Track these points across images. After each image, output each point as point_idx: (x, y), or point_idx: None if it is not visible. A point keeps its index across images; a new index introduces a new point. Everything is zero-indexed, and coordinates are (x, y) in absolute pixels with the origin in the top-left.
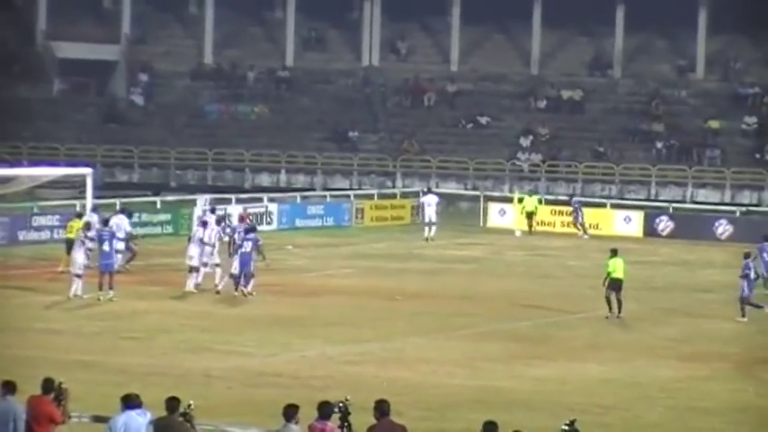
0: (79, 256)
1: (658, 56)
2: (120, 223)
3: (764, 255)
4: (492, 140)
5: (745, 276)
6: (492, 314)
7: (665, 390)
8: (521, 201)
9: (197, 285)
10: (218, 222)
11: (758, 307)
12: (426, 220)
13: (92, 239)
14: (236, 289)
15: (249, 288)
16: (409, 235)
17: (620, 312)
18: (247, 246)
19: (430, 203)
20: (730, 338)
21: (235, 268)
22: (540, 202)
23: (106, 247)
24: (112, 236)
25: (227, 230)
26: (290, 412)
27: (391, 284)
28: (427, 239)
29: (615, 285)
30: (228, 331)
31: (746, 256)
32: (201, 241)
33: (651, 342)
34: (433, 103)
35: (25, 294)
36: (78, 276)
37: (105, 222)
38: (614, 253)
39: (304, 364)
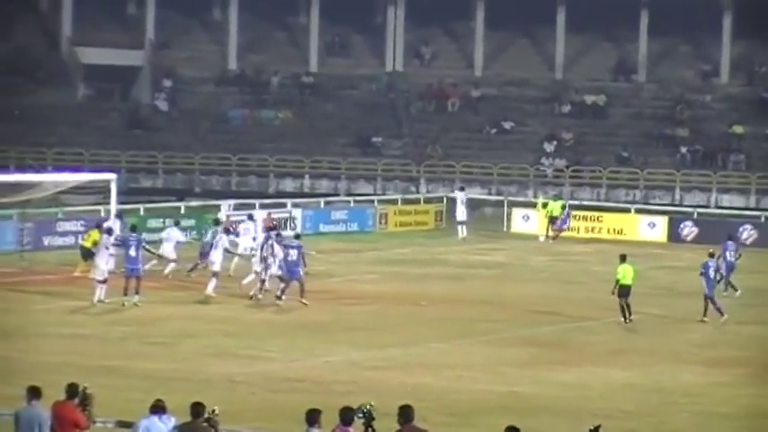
0: (102, 262)
1: (682, 61)
2: (171, 234)
3: (727, 253)
4: (516, 146)
5: (703, 275)
6: (515, 319)
7: (689, 395)
8: (545, 206)
9: (216, 289)
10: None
11: (719, 311)
12: (458, 218)
13: (117, 245)
14: (280, 297)
15: (302, 297)
16: (433, 240)
17: (630, 317)
18: (294, 253)
19: (463, 200)
20: (753, 344)
21: (266, 273)
22: (563, 207)
23: (132, 252)
24: (139, 242)
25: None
26: (313, 417)
27: (415, 290)
28: (463, 240)
29: (624, 292)
30: (252, 336)
31: (710, 255)
32: (226, 250)
33: (674, 347)
34: (456, 108)
35: (50, 299)
36: (102, 282)
37: (133, 228)
38: (623, 259)
39: (327, 370)
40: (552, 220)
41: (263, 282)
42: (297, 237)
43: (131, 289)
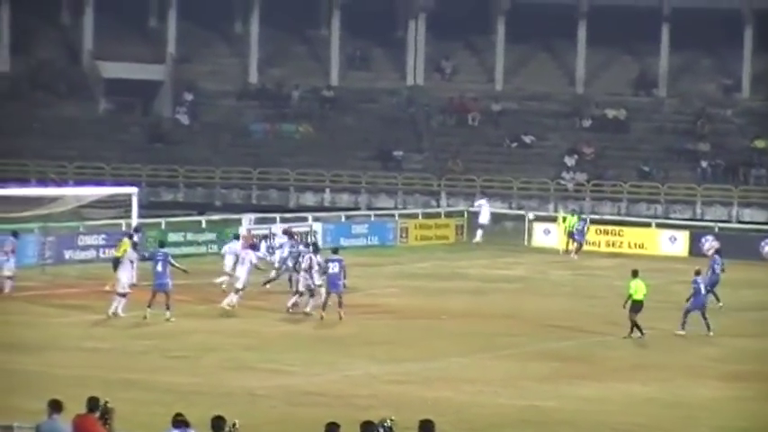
0: (124, 276)
1: (704, 75)
2: (232, 247)
3: (716, 267)
4: (536, 160)
5: (694, 293)
6: (536, 334)
7: (708, 409)
8: (564, 220)
9: (231, 304)
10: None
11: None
12: (481, 221)
13: (144, 259)
14: (324, 308)
15: (341, 309)
16: (454, 254)
17: (631, 333)
18: (335, 266)
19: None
20: None
21: (301, 285)
22: (579, 220)
23: (159, 267)
24: (166, 257)
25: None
26: (332, 430)
27: (436, 304)
28: (477, 245)
29: (637, 307)
30: (273, 350)
31: (697, 273)
32: (256, 266)
33: (694, 362)
34: (477, 122)
35: (72, 313)
36: (122, 296)
37: (161, 244)
38: (635, 274)
39: (348, 383)
40: (571, 235)
41: (300, 294)
42: (335, 251)
43: (161, 304)
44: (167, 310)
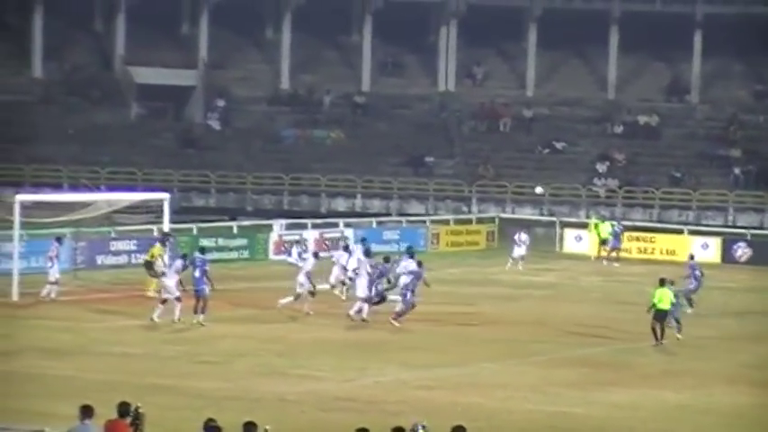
0: (170, 282)
1: (736, 81)
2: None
3: (696, 272)
4: (568, 166)
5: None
6: (566, 340)
7: (743, 417)
8: (596, 227)
9: (285, 306)
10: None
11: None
12: (515, 255)
13: (185, 266)
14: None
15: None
16: (485, 260)
17: (662, 338)
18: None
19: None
20: None
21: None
22: (612, 226)
23: (197, 273)
24: (204, 263)
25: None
26: None
27: (467, 310)
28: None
29: (660, 316)
30: (303, 355)
31: (672, 283)
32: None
33: (727, 369)
34: (508, 128)
35: (103, 318)
36: (163, 303)
37: (202, 250)
38: (662, 283)
39: (378, 389)
40: (603, 241)
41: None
42: (411, 253)
43: (198, 309)
44: (201, 314)
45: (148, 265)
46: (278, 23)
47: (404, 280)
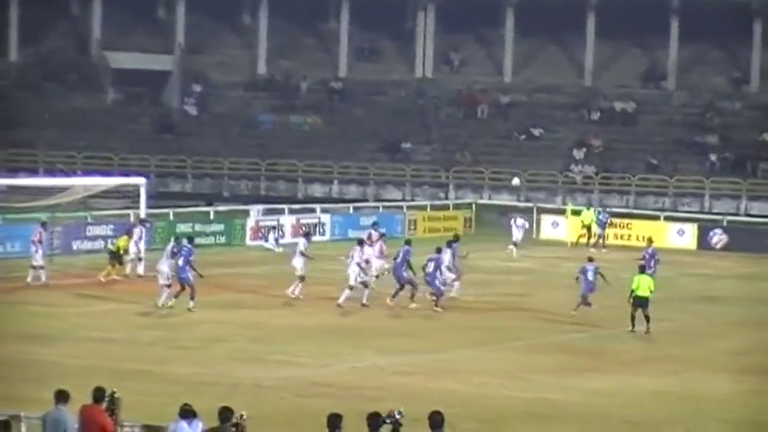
0: (163, 267)
1: (713, 67)
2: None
3: (589, 274)
4: (545, 152)
5: (583, 277)
6: (544, 326)
7: (720, 403)
8: (578, 213)
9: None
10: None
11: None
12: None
13: (175, 254)
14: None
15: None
16: (462, 246)
17: (648, 329)
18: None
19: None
20: None
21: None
22: (598, 213)
23: (181, 261)
24: (189, 252)
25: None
26: (334, 422)
27: (443, 295)
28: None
29: (639, 303)
30: (281, 341)
31: (590, 260)
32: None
33: (705, 355)
34: (486, 114)
35: (81, 303)
36: (167, 287)
37: (190, 239)
38: (642, 270)
39: (356, 375)
40: (586, 228)
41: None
42: (438, 250)
43: (185, 295)
44: (191, 300)
45: (112, 255)
46: (255, 9)
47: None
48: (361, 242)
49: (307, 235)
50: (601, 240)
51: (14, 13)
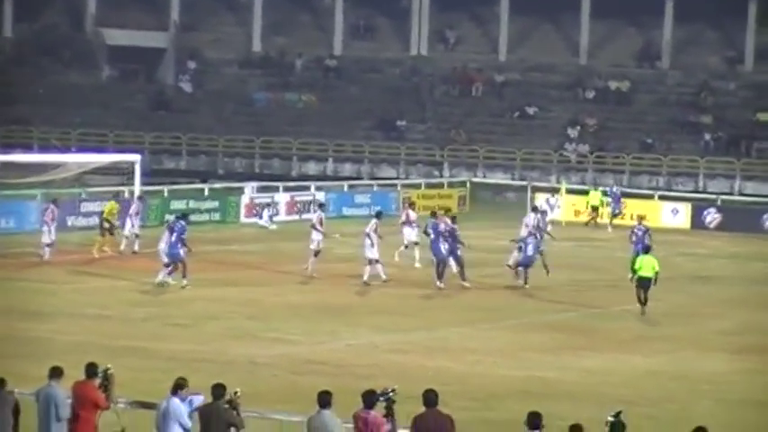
0: (163, 245)
1: (707, 47)
2: None
3: (529, 248)
4: (539, 131)
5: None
6: (538, 305)
7: (714, 382)
8: (586, 194)
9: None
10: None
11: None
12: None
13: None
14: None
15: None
16: (456, 224)
17: (643, 310)
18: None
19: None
20: None
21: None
22: (604, 194)
23: (173, 237)
24: (182, 229)
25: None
26: (324, 399)
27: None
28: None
29: (642, 284)
30: (275, 319)
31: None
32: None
33: (700, 335)
34: (480, 92)
35: (76, 280)
36: (166, 265)
37: (184, 216)
38: (646, 250)
39: (350, 353)
40: (594, 209)
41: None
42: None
43: (178, 272)
44: (184, 278)
45: (102, 223)
46: None
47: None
48: (378, 214)
49: (321, 206)
50: (618, 213)
51: None
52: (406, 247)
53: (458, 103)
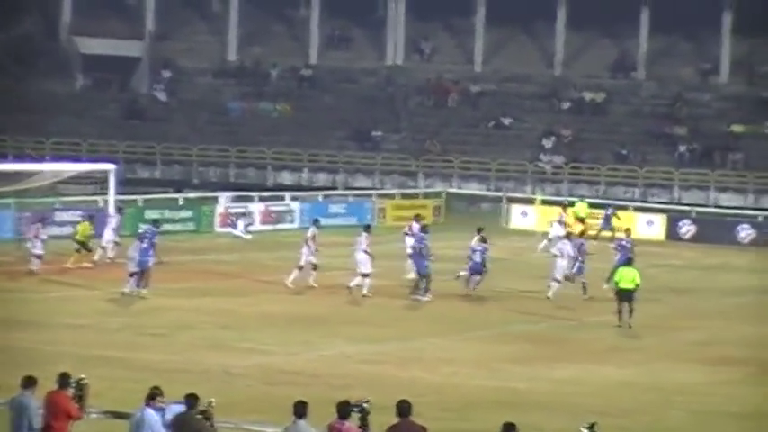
0: (134, 254)
1: (682, 59)
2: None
3: (477, 254)
4: (514, 141)
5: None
6: (511, 316)
7: (685, 393)
8: (572, 205)
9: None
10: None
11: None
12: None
13: (143, 238)
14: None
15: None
16: (432, 235)
17: (629, 320)
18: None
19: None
20: (754, 343)
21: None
22: (589, 206)
23: (146, 244)
24: (153, 235)
25: None
26: (300, 409)
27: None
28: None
29: (623, 296)
30: (249, 329)
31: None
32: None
33: (672, 346)
34: (455, 103)
35: (47, 289)
36: (131, 275)
37: (155, 222)
38: (628, 262)
39: (323, 363)
40: (580, 220)
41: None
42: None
43: (155, 282)
44: (144, 288)
45: (78, 244)
46: None
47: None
48: (367, 228)
49: (316, 222)
50: (603, 231)
51: None
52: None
53: (433, 113)
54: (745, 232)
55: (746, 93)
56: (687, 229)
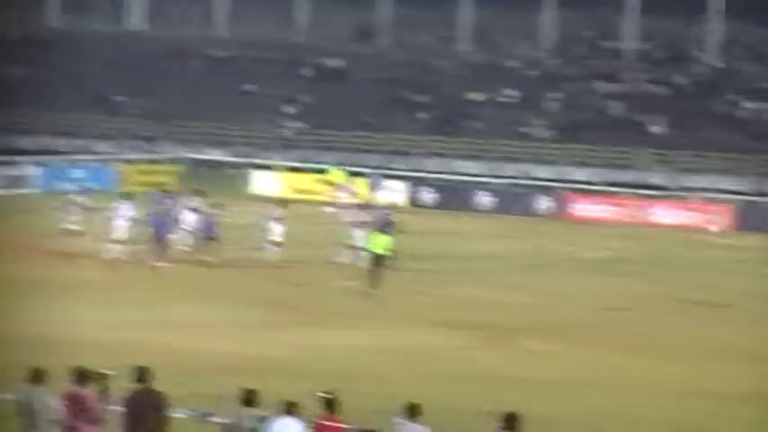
0: None
1: (424, 26)
2: None
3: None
4: (257, 108)
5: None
6: (251, 281)
7: (420, 356)
8: (324, 172)
9: None
10: None
11: None
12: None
13: None
14: None
15: None
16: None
17: (375, 287)
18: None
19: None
20: (495, 308)
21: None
22: (345, 173)
23: None
24: None
25: None
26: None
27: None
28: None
29: (376, 261)
30: None
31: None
32: None
33: (413, 311)
34: (198, 68)
35: None
36: None
37: None
38: (383, 229)
39: (56, 330)
40: (335, 186)
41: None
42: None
43: None
44: None
45: None
46: None
47: None
48: (127, 196)
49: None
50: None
51: None
52: None
53: (175, 78)
54: (485, 199)
55: (486, 60)
56: (429, 196)
